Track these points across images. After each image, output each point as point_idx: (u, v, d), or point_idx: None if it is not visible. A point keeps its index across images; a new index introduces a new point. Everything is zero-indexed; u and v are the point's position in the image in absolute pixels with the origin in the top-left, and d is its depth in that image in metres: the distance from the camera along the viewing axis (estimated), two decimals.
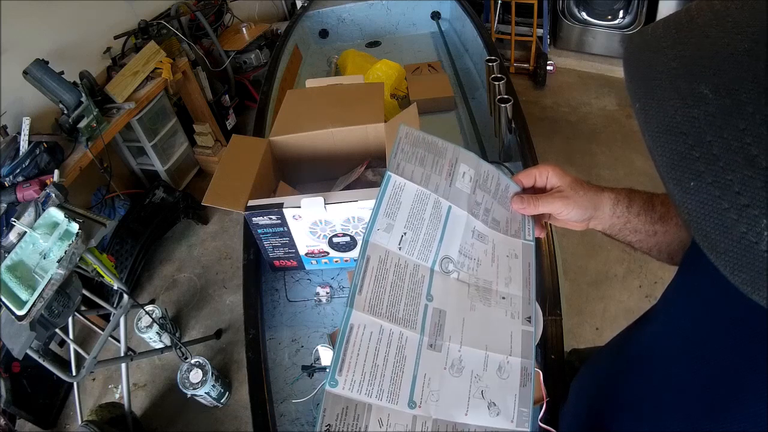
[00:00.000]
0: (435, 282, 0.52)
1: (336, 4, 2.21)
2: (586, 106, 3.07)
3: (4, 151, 1.78)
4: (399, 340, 0.48)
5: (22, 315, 1.21)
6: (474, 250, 0.56)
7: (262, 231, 1.00)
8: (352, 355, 0.46)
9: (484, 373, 0.50)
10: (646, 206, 0.58)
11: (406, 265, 0.52)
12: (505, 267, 0.57)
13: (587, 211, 0.57)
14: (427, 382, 0.48)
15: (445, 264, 0.54)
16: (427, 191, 0.55)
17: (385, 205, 0.53)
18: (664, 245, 0.59)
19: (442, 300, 0.52)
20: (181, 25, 2.64)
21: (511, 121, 1.28)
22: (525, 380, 0.51)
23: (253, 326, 0.99)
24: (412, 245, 0.53)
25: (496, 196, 0.59)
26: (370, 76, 1.62)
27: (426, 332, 0.50)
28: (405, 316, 0.50)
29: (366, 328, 0.47)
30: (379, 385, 0.46)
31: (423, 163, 0.56)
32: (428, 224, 0.54)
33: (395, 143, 0.56)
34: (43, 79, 1.86)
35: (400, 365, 0.47)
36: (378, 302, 0.49)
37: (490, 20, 3.26)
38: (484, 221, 0.57)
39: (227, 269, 2.41)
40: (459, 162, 0.58)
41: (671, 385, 0.46)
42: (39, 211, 1.40)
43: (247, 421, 1.76)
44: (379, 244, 0.52)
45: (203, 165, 2.86)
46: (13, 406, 1.67)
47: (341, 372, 0.45)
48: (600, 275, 2.12)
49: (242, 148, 1.13)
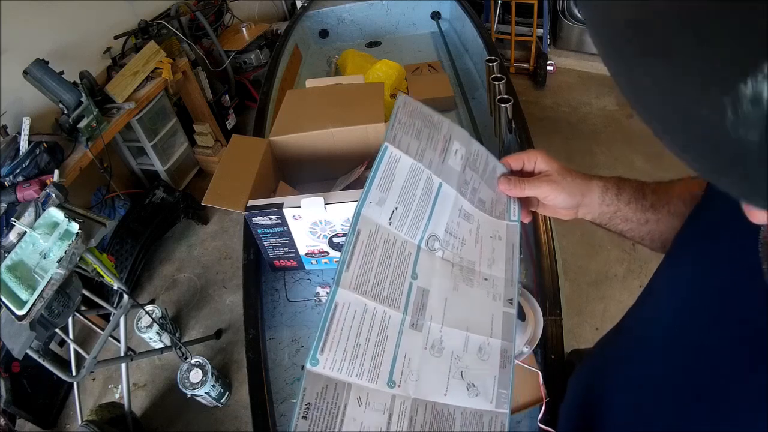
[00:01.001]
0: (421, 260, 0.52)
1: (336, 4, 2.21)
2: (586, 106, 3.07)
3: (4, 151, 1.78)
4: (382, 319, 0.48)
5: (22, 315, 1.21)
6: (459, 229, 0.55)
7: (262, 231, 1.00)
8: (335, 335, 0.45)
9: (464, 353, 0.50)
10: (636, 194, 0.57)
11: (395, 242, 0.51)
12: (489, 248, 0.56)
13: (574, 197, 0.56)
14: (407, 362, 0.47)
15: (432, 242, 0.53)
16: (422, 166, 0.54)
17: (380, 177, 0.51)
18: (656, 234, 0.58)
19: (426, 278, 0.51)
20: (181, 25, 2.64)
21: (511, 121, 1.28)
22: (505, 362, 0.51)
23: (253, 326, 0.99)
24: (402, 221, 0.52)
25: (483, 176, 0.59)
26: (370, 76, 1.62)
27: (409, 312, 0.49)
28: (390, 294, 0.49)
29: (350, 306, 0.47)
30: (360, 364, 0.45)
31: (419, 136, 0.55)
32: (419, 200, 0.53)
33: (393, 113, 0.54)
34: (43, 79, 1.86)
35: (381, 344, 0.47)
36: (365, 279, 0.48)
37: (490, 20, 3.26)
38: (471, 200, 0.57)
39: (227, 269, 2.41)
40: (453, 139, 0.57)
41: (653, 382, 0.47)
42: (39, 211, 1.40)
43: (247, 421, 1.76)
44: (371, 217, 0.50)
45: (203, 165, 2.86)
46: (13, 406, 1.67)
47: (323, 351, 0.45)
48: (600, 275, 2.12)
49: (242, 148, 1.13)
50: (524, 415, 0.83)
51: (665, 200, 0.57)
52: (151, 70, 2.35)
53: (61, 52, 2.14)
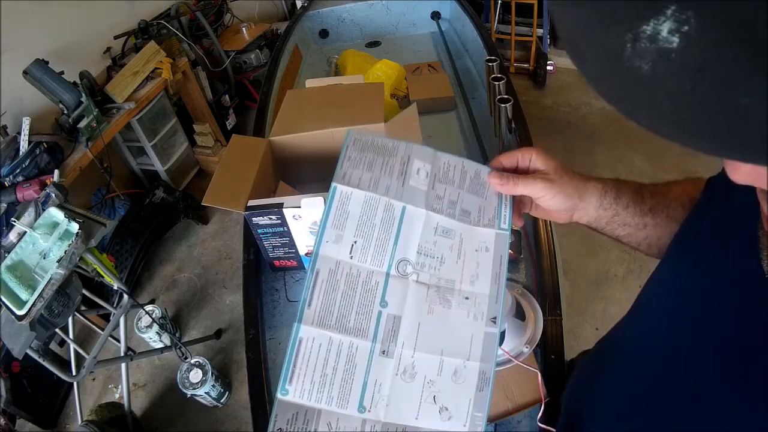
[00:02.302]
0: (391, 287, 0.52)
1: (336, 4, 2.21)
2: (586, 106, 3.07)
3: (4, 151, 1.78)
4: (349, 349, 0.49)
5: (22, 315, 1.21)
6: (437, 248, 0.54)
7: (262, 231, 1.00)
8: (301, 367, 0.47)
9: (438, 377, 0.50)
10: (635, 197, 0.55)
11: (359, 274, 0.51)
12: (473, 263, 0.54)
13: (571, 199, 0.53)
14: (378, 387, 0.49)
15: (403, 266, 0.52)
16: (376, 195, 0.53)
17: (333, 216, 0.52)
18: (654, 239, 0.57)
19: (397, 305, 0.51)
20: (181, 25, 2.64)
21: (511, 121, 1.28)
22: (482, 385, 0.51)
23: (253, 326, 0.99)
24: (364, 252, 0.52)
25: (463, 186, 0.57)
26: (370, 76, 1.62)
27: (378, 339, 0.50)
28: (356, 325, 0.50)
29: (315, 340, 0.48)
30: (329, 392, 0.47)
31: (371, 168, 0.55)
32: (380, 228, 0.53)
33: (342, 152, 0.55)
34: (43, 79, 1.86)
35: (350, 373, 0.48)
36: (327, 314, 0.49)
37: (490, 20, 3.26)
38: (449, 215, 0.55)
39: (227, 269, 2.41)
40: (412, 159, 0.56)
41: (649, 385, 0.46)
42: (39, 211, 1.40)
43: (247, 421, 1.76)
44: (329, 255, 0.51)
45: (203, 165, 2.86)
46: (13, 406, 1.67)
47: (291, 382, 0.47)
48: (600, 275, 2.12)
49: (242, 148, 1.13)
50: (524, 415, 0.83)
51: (664, 204, 0.55)
52: (151, 70, 2.35)
53: (61, 52, 2.13)
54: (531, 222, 1.07)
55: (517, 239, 1.04)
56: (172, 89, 2.48)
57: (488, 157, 1.40)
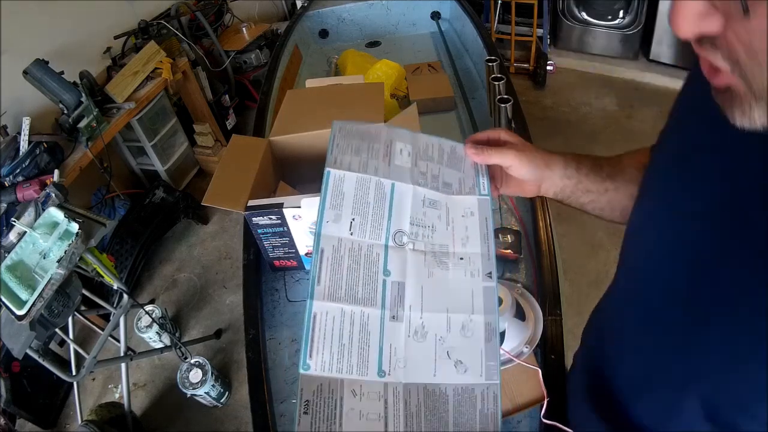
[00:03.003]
0: (390, 257, 0.55)
1: (336, 4, 2.21)
2: (586, 106, 3.07)
3: (4, 151, 1.78)
4: (361, 318, 0.52)
5: (22, 315, 1.21)
6: (426, 218, 0.58)
7: (262, 231, 1.00)
8: (318, 341, 0.50)
9: (447, 334, 0.53)
10: (594, 166, 0.61)
11: (360, 248, 0.55)
12: (462, 227, 0.59)
13: (538, 169, 0.59)
14: (393, 351, 0.51)
15: (399, 237, 0.57)
16: (367, 176, 0.58)
17: (329, 198, 0.56)
18: (616, 202, 0.61)
19: (399, 273, 0.55)
20: (181, 25, 2.64)
21: (511, 121, 1.28)
22: (490, 335, 0.54)
23: (253, 326, 0.99)
24: (362, 228, 0.56)
25: (442, 161, 0.63)
26: (370, 76, 1.61)
27: (387, 306, 0.53)
28: (364, 295, 0.53)
29: (328, 314, 0.51)
30: (348, 361, 0.50)
31: (359, 152, 0.60)
32: (374, 205, 0.57)
33: (330, 141, 0.59)
34: (43, 79, 1.86)
35: (366, 340, 0.51)
36: (336, 288, 0.52)
37: (490, 20, 3.26)
38: (433, 188, 0.60)
39: (227, 269, 2.41)
40: (394, 141, 0.62)
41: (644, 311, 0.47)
42: (39, 211, 1.40)
43: (247, 421, 1.76)
44: (331, 234, 0.55)
45: (203, 165, 2.86)
46: (13, 406, 1.67)
47: (311, 357, 0.49)
48: (600, 275, 2.12)
49: (242, 148, 1.13)
50: (524, 415, 0.83)
51: (619, 168, 0.61)
52: (151, 70, 2.35)
53: (61, 52, 2.13)
54: (531, 222, 1.07)
55: (517, 239, 1.04)
56: (172, 89, 2.48)
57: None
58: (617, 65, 3.23)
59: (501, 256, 1.04)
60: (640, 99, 3.04)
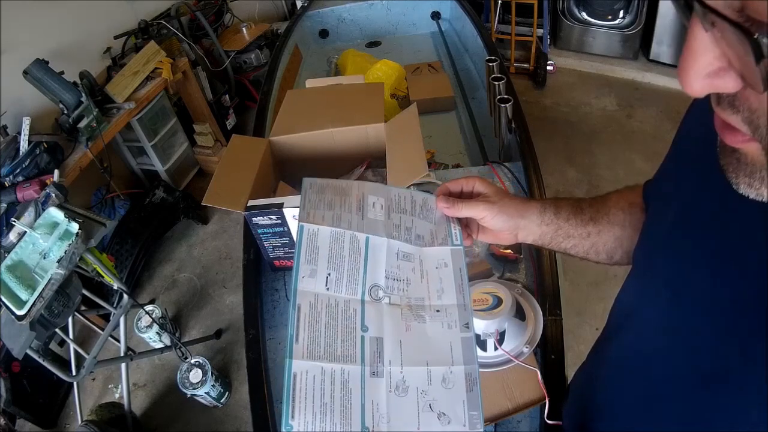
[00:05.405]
0: (367, 312, 0.55)
1: (336, 4, 2.21)
2: (586, 106, 3.07)
3: (4, 151, 1.77)
4: (341, 375, 0.51)
5: (22, 315, 1.21)
6: (401, 271, 0.58)
7: (262, 231, 1.00)
8: (300, 401, 0.49)
9: (429, 387, 0.53)
10: (574, 210, 0.59)
11: (337, 304, 0.55)
12: (436, 279, 0.59)
13: (512, 219, 0.57)
14: (376, 407, 0.51)
15: (375, 292, 0.56)
16: (341, 230, 0.58)
17: (304, 253, 0.56)
18: (600, 245, 0.60)
19: (377, 328, 0.55)
20: (181, 25, 2.64)
21: (511, 121, 1.28)
22: (471, 385, 0.53)
23: (253, 326, 0.99)
24: (338, 283, 0.56)
25: (414, 213, 0.62)
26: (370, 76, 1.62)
27: (366, 362, 0.53)
28: (343, 352, 0.52)
29: (308, 372, 0.51)
30: (331, 419, 0.49)
31: (331, 206, 0.60)
32: (349, 259, 0.57)
33: (301, 196, 0.60)
34: (43, 79, 1.86)
35: (347, 398, 0.50)
36: (315, 346, 0.52)
37: (490, 20, 3.26)
38: (407, 240, 0.60)
39: (227, 269, 2.41)
40: (366, 195, 0.62)
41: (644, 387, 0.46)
42: (39, 211, 1.40)
43: (247, 421, 1.76)
44: (307, 290, 0.54)
45: (203, 165, 2.86)
46: (13, 406, 1.66)
47: (294, 417, 0.48)
48: (600, 275, 2.12)
49: (242, 148, 1.13)
50: (524, 415, 0.83)
51: (603, 212, 0.59)
52: (151, 70, 2.35)
53: (61, 52, 2.13)
54: None
55: None
56: (172, 89, 2.48)
57: (488, 157, 1.40)
58: (617, 65, 3.23)
59: (501, 256, 1.04)
60: (640, 99, 3.04)
